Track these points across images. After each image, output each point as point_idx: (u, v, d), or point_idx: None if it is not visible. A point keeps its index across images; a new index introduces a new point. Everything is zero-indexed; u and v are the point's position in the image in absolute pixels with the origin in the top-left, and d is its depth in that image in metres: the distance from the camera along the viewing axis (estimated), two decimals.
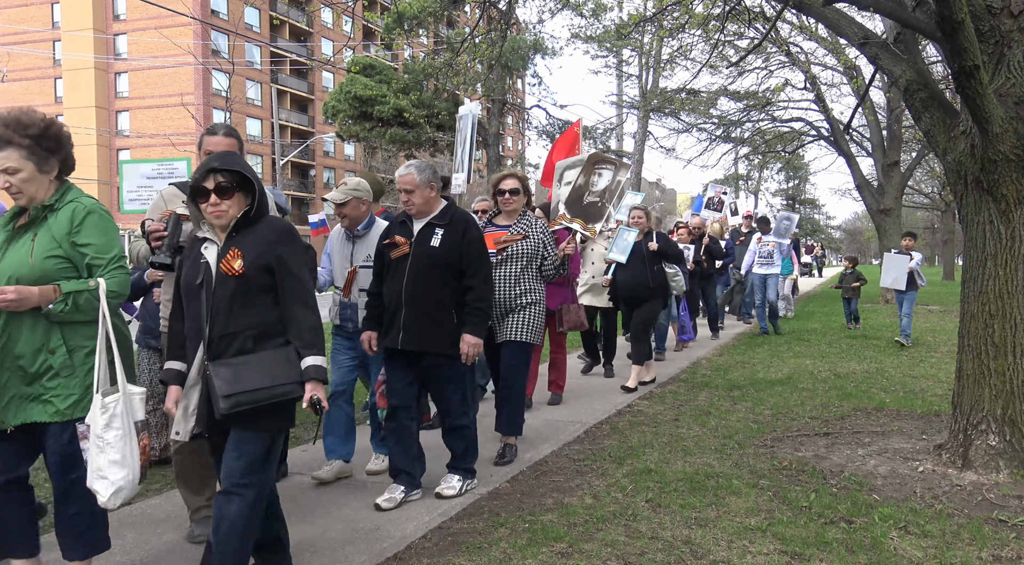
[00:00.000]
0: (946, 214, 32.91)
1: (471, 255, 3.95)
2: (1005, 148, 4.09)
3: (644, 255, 6.99)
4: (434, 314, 3.89)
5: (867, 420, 5.68)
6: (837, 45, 16.59)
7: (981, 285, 4.35)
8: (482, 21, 10.67)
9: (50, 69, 48.62)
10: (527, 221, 4.76)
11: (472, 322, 3.94)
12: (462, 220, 4.02)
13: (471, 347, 3.93)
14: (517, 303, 4.63)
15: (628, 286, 7.08)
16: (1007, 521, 3.56)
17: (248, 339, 2.64)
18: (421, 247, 3.91)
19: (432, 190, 3.96)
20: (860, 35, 5.04)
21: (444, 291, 3.91)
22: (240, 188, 2.71)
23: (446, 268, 3.91)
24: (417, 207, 3.95)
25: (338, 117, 27.66)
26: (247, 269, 2.63)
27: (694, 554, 3.20)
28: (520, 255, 4.63)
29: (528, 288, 4.65)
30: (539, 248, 4.71)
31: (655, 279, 7.07)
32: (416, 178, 3.89)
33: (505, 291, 4.60)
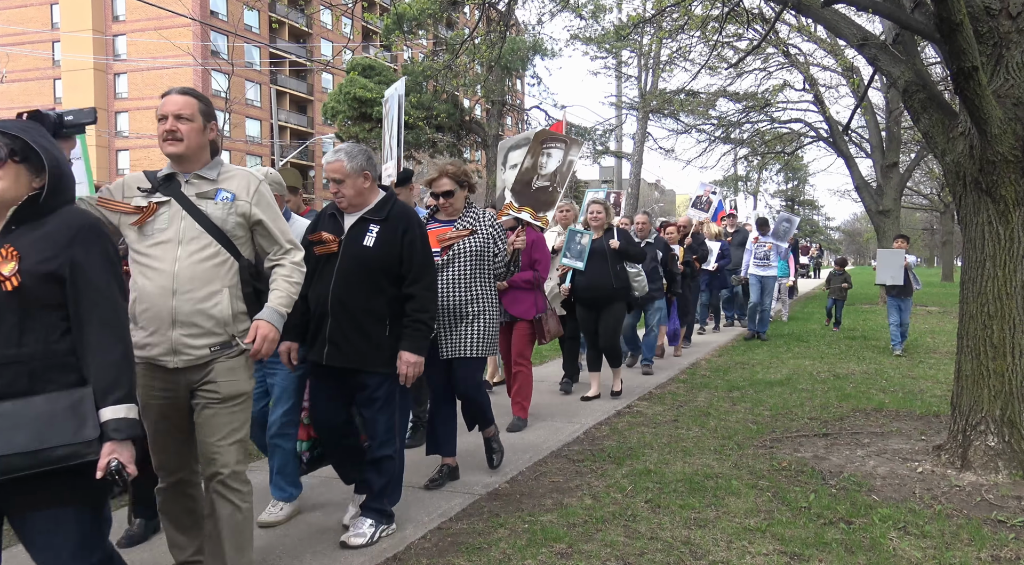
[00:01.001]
0: (945, 215, 32.95)
1: (412, 258, 3.37)
2: (1004, 149, 4.10)
3: (607, 254, 6.41)
4: (365, 325, 3.33)
5: (866, 421, 5.68)
6: (836, 46, 16.60)
7: (980, 286, 4.35)
8: (481, 22, 10.69)
9: (49, 70, 48.60)
10: (473, 214, 4.19)
11: (411, 337, 3.37)
12: (402, 216, 3.43)
13: (410, 366, 3.37)
14: (467, 311, 4.07)
15: (589, 287, 6.44)
16: (1006, 522, 3.57)
17: (21, 376, 1.92)
18: (352, 246, 3.35)
19: (366, 180, 3.40)
20: (859, 36, 5.05)
21: (378, 299, 3.35)
22: (26, 161, 2.01)
23: (381, 272, 3.35)
24: (348, 199, 3.40)
25: (337, 118, 27.66)
26: (24, 277, 1.92)
27: (693, 555, 3.21)
28: (468, 254, 4.07)
29: (479, 293, 4.11)
30: (488, 245, 4.15)
31: (617, 279, 6.44)
32: (346, 165, 3.35)
33: (452, 297, 4.03)
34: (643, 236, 8.10)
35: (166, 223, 2.64)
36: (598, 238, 6.46)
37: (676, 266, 8.66)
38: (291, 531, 3.58)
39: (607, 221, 6.63)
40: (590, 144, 28.95)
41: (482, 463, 4.66)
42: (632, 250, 6.56)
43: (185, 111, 2.63)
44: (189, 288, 2.59)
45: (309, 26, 53.26)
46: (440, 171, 4.12)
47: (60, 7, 47.42)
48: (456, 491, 4.12)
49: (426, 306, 3.41)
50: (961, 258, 4.56)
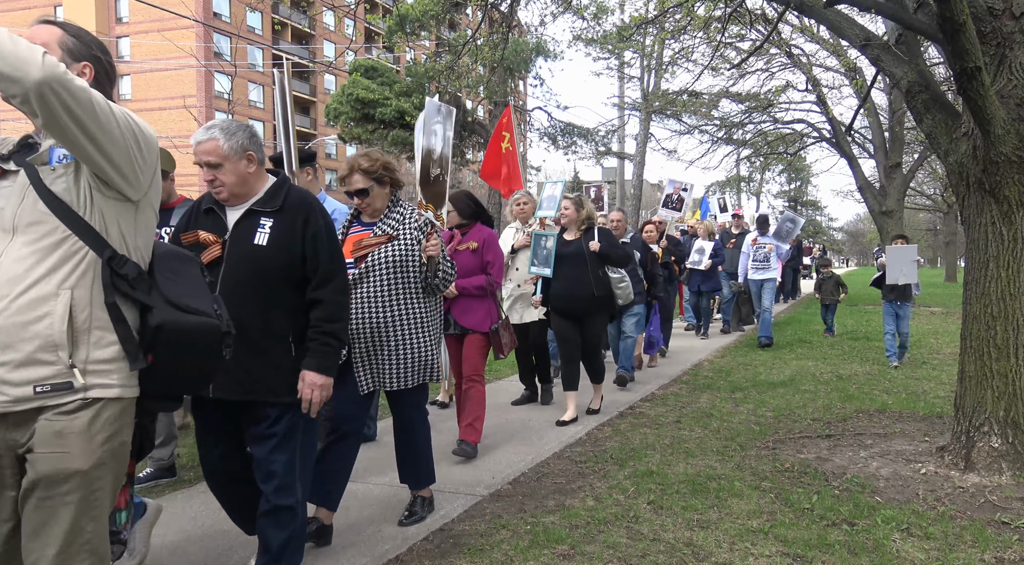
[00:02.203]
0: (948, 216, 32.88)
1: (317, 254, 2.72)
2: (1007, 150, 4.09)
3: (586, 257, 5.69)
4: (262, 346, 2.66)
5: (869, 422, 5.67)
6: (839, 47, 16.59)
7: (983, 287, 4.34)
8: (484, 23, 10.69)
9: None
10: (397, 215, 3.51)
11: (317, 353, 2.70)
12: (302, 204, 2.76)
13: (315, 390, 2.69)
14: (388, 334, 3.40)
15: (566, 296, 5.70)
16: (1010, 523, 3.55)
17: None
18: (239, 246, 2.69)
19: (251, 162, 2.71)
20: (862, 37, 5.05)
21: (277, 311, 2.69)
22: None
23: (279, 276, 2.69)
24: (229, 188, 2.69)
25: (340, 119, 27.68)
26: None
27: (696, 556, 3.20)
28: (388, 264, 3.39)
29: (403, 311, 3.42)
30: (414, 252, 3.46)
31: (599, 286, 5.70)
32: (223, 145, 2.65)
33: (369, 317, 3.37)
34: (619, 235, 7.40)
35: (3, 202, 1.89)
36: (576, 239, 5.80)
37: (657, 267, 8.05)
38: None
39: (581, 219, 5.86)
40: (593, 145, 28.96)
41: (483, 463, 4.65)
42: (615, 253, 5.78)
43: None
44: (5, 293, 1.80)
45: (312, 27, 53.35)
46: (350, 165, 3.44)
47: (63, 9, 47.59)
48: (458, 492, 4.12)
49: (335, 314, 2.75)
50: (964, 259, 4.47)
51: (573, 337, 5.79)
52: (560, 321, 5.83)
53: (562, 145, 28.80)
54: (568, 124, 28.50)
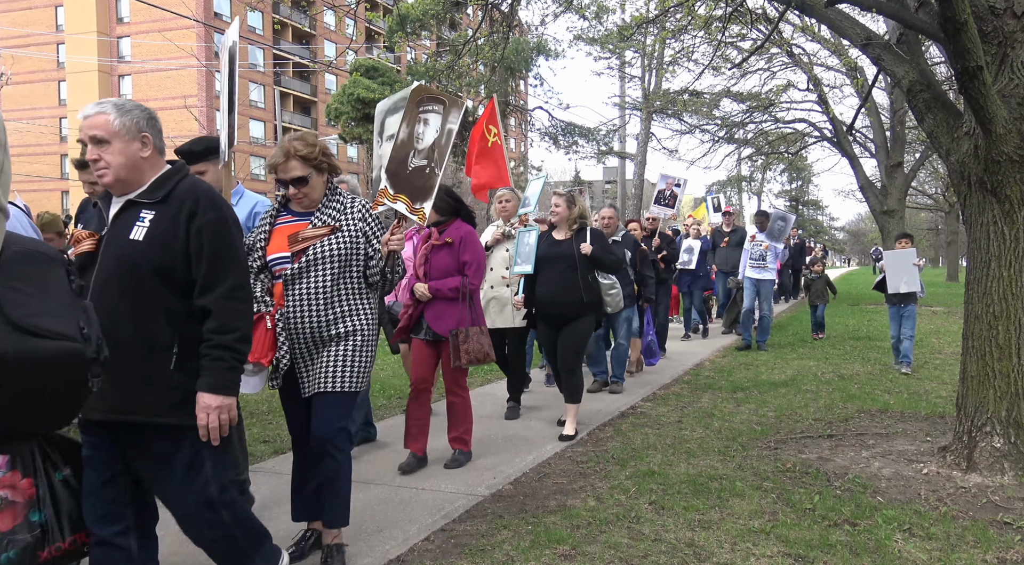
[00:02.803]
0: (950, 215, 32.87)
1: (203, 254, 2.36)
2: (1009, 149, 4.08)
3: (576, 259, 5.30)
4: (138, 357, 2.31)
5: (871, 422, 5.66)
6: (840, 46, 16.56)
7: (985, 286, 4.33)
8: (484, 23, 10.68)
9: (54, 72, 48.77)
10: (337, 204, 3.19)
11: (209, 370, 2.35)
12: (189, 195, 2.40)
13: (212, 413, 2.34)
14: (330, 334, 3.12)
15: (552, 301, 5.32)
16: (1012, 523, 3.55)
17: None
18: (114, 244, 2.36)
19: (144, 146, 2.39)
20: (863, 36, 5.04)
21: (154, 318, 2.33)
22: None
23: (156, 277, 2.33)
24: (114, 171, 2.35)
25: (341, 119, 27.71)
26: None
27: (697, 557, 3.19)
28: (328, 259, 3.07)
29: (347, 309, 3.14)
30: (357, 245, 3.15)
31: (588, 292, 5.29)
32: (113, 120, 2.33)
33: (310, 317, 3.09)
34: (610, 233, 7.06)
35: None
36: (566, 239, 5.42)
37: (648, 267, 7.60)
38: None
39: (573, 218, 5.47)
40: (594, 144, 28.96)
41: (484, 463, 4.65)
42: (608, 259, 5.36)
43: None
44: None
45: (312, 27, 53.36)
46: (285, 151, 3.11)
47: (64, 9, 47.61)
48: (459, 492, 4.12)
49: (228, 323, 2.37)
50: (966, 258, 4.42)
51: (555, 346, 5.44)
52: (545, 329, 5.45)
53: (563, 145, 28.83)
54: (569, 124, 28.54)
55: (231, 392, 2.39)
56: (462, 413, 4.67)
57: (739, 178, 33.86)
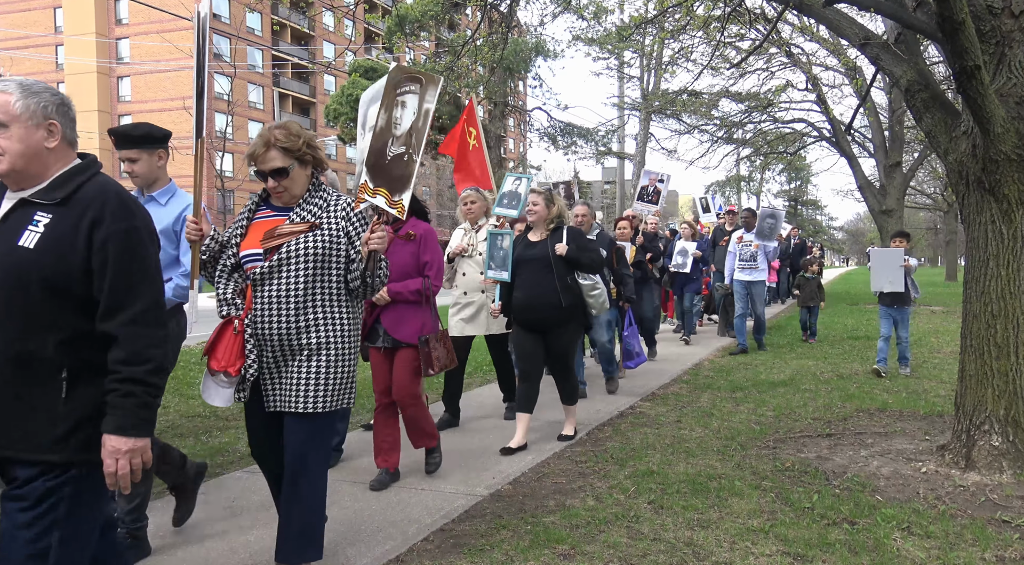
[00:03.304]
0: (948, 215, 32.90)
1: (107, 270, 1.98)
2: (1007, 148, 4.09)
3: (551, 262, 4.95)
4: (15, 382, 1.96)
5: (870, 421, 5.67)
6: (838, 46, 16.59)
7: (983, 285, 4.34)
8: (483, 24, 10.69)
9: (52, 73, 48.75)
10: (320, 200, 2.91)
11: (115, 408, 1.97)
12: (96, 198, 2.03)
13: (121, 458, 1.97)
14: (302, 343, 2.81)
15: (528, 306, 4.97)
16: (1010, 522, 3.55)
17: None
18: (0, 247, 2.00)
19: (51, 135, 2.06)
20: (861, 36, 5.05)
21: (41, 337, 1.96)
22: None
23: (46, 290, 1.96)
24: (11, 160, 2.00)
25: (340, 120, 27.71)
26: None
27: (696, 556, 3.20)
28: (308, 257, 2.78)
29: (323, 317, 2.83)
30: (337, 245, 2.85)
31: (566, 295, 4.92)
32: (15, 102, 2.01)
33: (281, 322, 2.79)
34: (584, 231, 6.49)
35: None
36: (542, 240, 5.07)
37: (625, 266, 7.16)
38: None
39: (551, 217, 5.10)
40: (592, 145, 28.97)
41: (484, 463, 4.65)
42: (586, 258, 4.99)
43: None
44: None
45: (311, 28, 53.36)
46: (266, 141, 2.81)
47: (63, 11, 47.61)
48: (458, 492, 4.12)
49: (139, 353, 1.99)
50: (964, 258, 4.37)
51: (534, 352, 5.01)
52: (521, 334, 5.08)
53: (562, 145, 28.84)
54: (568, 124, 28.55)
55: (144, 433, 2.01)
56: (423, 417, 4.35)
57: (738, 178, 33.87)
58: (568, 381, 5.24)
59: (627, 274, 7.09)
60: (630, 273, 7.21)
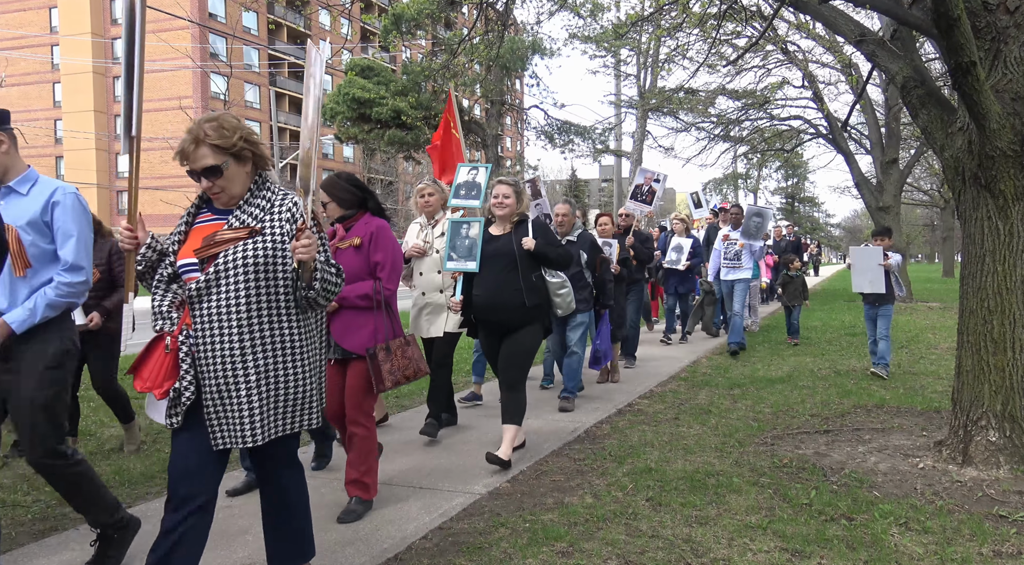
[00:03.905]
0: (945, 211, 32.97)
1: None
2: (1002, 144, 4.10)
3: (516, 257, 4.59)
4: None
5: (867, 417, 5.68)
6: (834, 43, 16.60)
7: (979, 281, 4.35)
8: (479, 22, 10.68)
9: (48, 73, 48.67)
10: (261, 201, 2.58)
11: None
12: None
13: None
14: (251, 364, 2.47)
15: (490, 306, 4.60)
16: (1007, 517, 3.56)
17: None
18: None
19: None
20: (857, 32, 5.05)
21: None
22: None
23: None
24: None
25: (336, 119, 27.65)
26: None
27: (695, 552, 3.20)
28: (248, 267, 2.46)
29: (269, 335, 2.51)
30: (284, 252, 2.52)
31: (532, 294, 4.57)
32: None
33: (223, 339, 2.46)
34: (564, 232, 6.38)
35: None
36: (506, 234, 4.72)
37: (609, 270, 6.83)
38: None
39: (519, 211, 4.76)
40: (589, 143, 28.96)
41: (482, 461, 4.65)
42: (553, 253, 4.65)
43: None
44: None
45: (307, 27, 53.27)
46: (195, 137, 2.49)
47: (59, 11, 47.51)
48: (457, 491, 4.12)
49: None
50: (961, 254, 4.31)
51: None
52: (486, 338, 4.76)
53: (559, 143, 28.82)
54: (565, 122, 28.51)
55: None
56: (365, 449, 3.79)
57: (735, 176, 33.91)
58: (516, 394, 4.62)
59: (608, 280, 6.77)
60: (611, 278, 6.89)
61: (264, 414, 2.50)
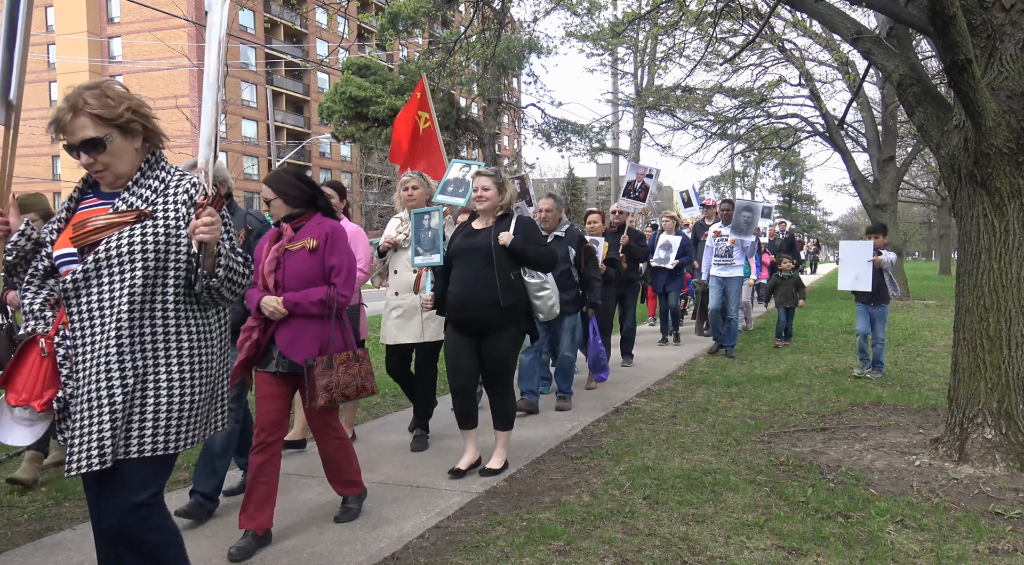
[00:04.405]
0: (942, 209, 33.01)
1: None
2: (998, 142, 4.10)
3: (492, 254, 4.22)
4: None
5: (864, 415, 5.69)
6: (831, 41, 16.63)
7: (976, 279, 4.36)
8: (476, 20, 10.67)
9: (44, 72, 48.54)
10: (154, 182, 2.26)
11: None
12: None
13: None
14: (124, 371, 2.12)
15: (463, 305, 4.25)
16: (1003, 514, 3.57)
17: None
18: None
19: None
20: (853, 30, 5.06)
21: None
22: None
23: None
24: None
25: (333, 118, 27.63)
26: None
27: (691, 550, 3.21)
28: (130, 256, 2.13)
29: (153, 334, 2.17)
30: (180, 238, 2.21)
31: (508, 293, 4.20)
32: None
33: (102, 340, 2.11)
34: (549, 228, 6.02)
35: None
36: (485, 228, 4.36)
37: (596, 269, 6.41)
38: None
39: (501, 205, 4.39)
40: (587, 141, 28.97)
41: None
42: (532, 252, 4.28)
43: None
44: None
45: (304, 26, 53.22)
46: (72, 105, 2.15)
47: (55, 9, 47.38)
48: (454, 490, 4.12)
49: None
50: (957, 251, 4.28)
51: (468, 364, 4.31)
52: (453, 337, 4.35)
53: (556, 142, 28.85)
54: (562, 121, 28.53)
55: None
56: (344, 458, 3.64)
57: (732, 174, 33.97)
58: (504, 400, 4.41)
59: (595, 277, 6.35)
60: (599, 276, 6.45)
61: (153, 424, 2.12)
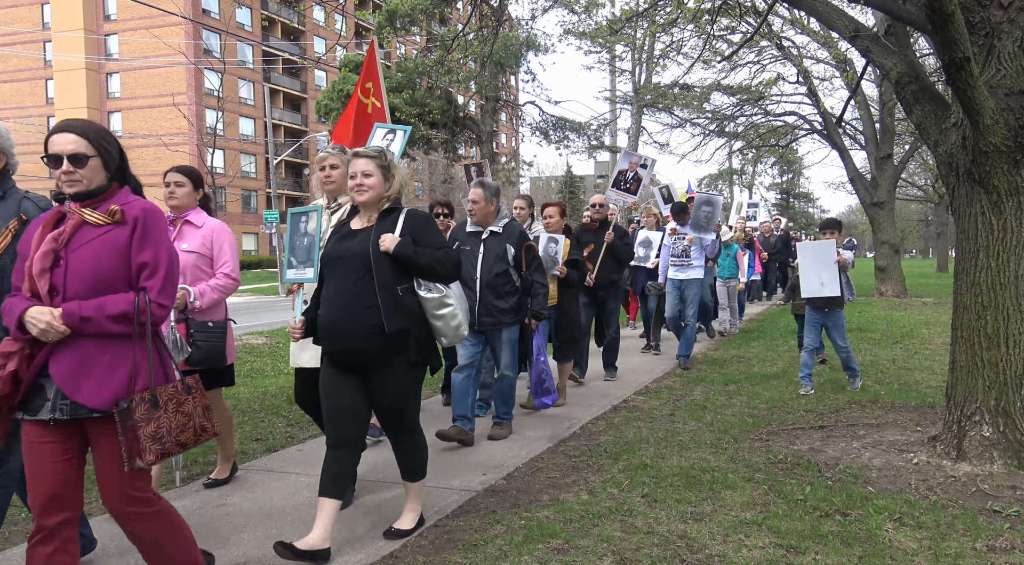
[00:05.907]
0: (940, 206, 33.07)
1: None
2: (996, 139, 4.10)
3: (372, 263, 3.18)
4: None
5: (862, 413, 5.69)
6: (829, 38, 16.63)
7: (974, 277, 4.36)
8: (474, 18, 10.65)
9: (41, 70, 48.42)
10: None
11: None
12: None
13: None
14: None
15: (332, 332, 3.22)
16: (1001, 511, 3.58)
17: None
18: None
19: None
20: (851, 28, 5.05)
21: None
22: None
23: None
24: None
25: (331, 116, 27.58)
26: None
27: (690, 549, 3.21)
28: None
29: None
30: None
31: (396, 316, 3.16)
32: None
33: None
34: (480, 222, 5.05)
35: None
36: (364, 229, 3.32)
37: (541, 272, 5.23)
38: None
39: (387, 196, 3.34)
40: (585, 139, 28.96)
41: (481, 461, 4.65)
42: (423, 259, 3.24)
43: None
44: None
45: (302, 23, 53.11)
46: None
47: (51, 6, 47.22)
48: (452, 489, 4.12)
49: None
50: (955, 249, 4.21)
51: (349, 404, 3.25)
52: (328, 375, 3.29)
53: (554, 140, 28.82)
54: (560, 118, 28.49)
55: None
56: (169, 538, 2.49)
57: (730, 171, 33.97)
58: (408, 446, 3.44)
59: (540, 282, 5.15)
60: (545, 282, 5.25)
61: None
